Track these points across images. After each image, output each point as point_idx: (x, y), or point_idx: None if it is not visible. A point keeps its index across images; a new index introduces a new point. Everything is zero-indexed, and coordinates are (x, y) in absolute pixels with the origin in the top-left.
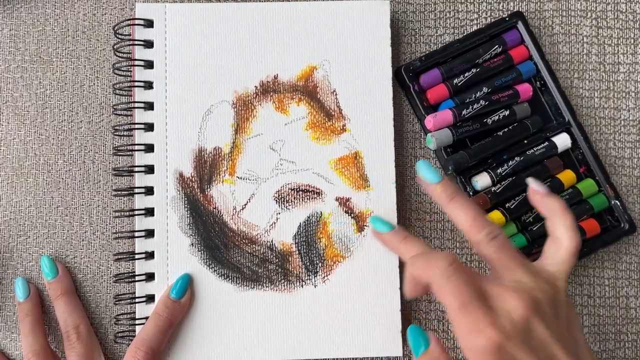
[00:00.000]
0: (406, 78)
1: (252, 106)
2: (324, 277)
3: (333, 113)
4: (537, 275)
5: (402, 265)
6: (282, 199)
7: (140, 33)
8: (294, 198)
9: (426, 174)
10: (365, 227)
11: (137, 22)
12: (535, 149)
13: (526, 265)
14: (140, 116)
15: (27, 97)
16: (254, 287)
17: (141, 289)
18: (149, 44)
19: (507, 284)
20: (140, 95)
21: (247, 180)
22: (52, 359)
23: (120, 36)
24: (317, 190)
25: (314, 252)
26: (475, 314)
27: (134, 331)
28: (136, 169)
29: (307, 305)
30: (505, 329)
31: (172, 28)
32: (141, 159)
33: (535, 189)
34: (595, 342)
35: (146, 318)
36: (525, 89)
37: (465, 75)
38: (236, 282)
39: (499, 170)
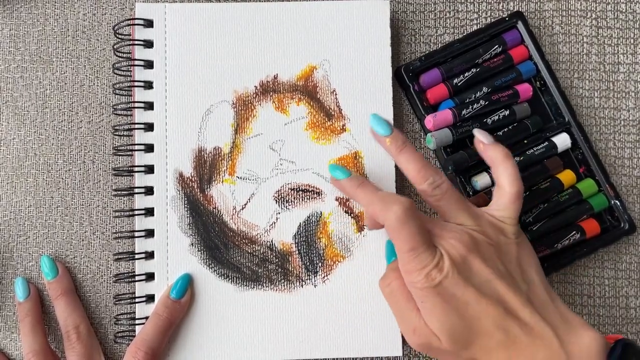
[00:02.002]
0: (406, 78)
1: (252, 106)
2: (323, 277)
3: (333, 113)
4: (479, 218)
5: None
6: (282, 198)
7: (140, 33)
8: (294, 198)
9: (377, 127)
10: (365, 227)
11: (137, 22)
12: (535, 149)
13: (469, 210)
14: (140, 116)
15: (27, 97)
16: (254, 287)
17: (141, 289)
18: (148, 44)
19: (449, 227)
20: (140, 95)
21: (247, 180)
22: (52, 359)
23: (120, 36)
24: (317, 190)
25: (314, 252)
26: (421, 257)
27: (134, 331)
28: (136, 169)
29: (307, 305)
30: (445, 267)
31: (172, 28)
32: (141, 159)
33: (479, 138)
34: None
35: (146, 318)
36: (525, 89)
37: (465, 75)
38: (236, 282)
39: None
